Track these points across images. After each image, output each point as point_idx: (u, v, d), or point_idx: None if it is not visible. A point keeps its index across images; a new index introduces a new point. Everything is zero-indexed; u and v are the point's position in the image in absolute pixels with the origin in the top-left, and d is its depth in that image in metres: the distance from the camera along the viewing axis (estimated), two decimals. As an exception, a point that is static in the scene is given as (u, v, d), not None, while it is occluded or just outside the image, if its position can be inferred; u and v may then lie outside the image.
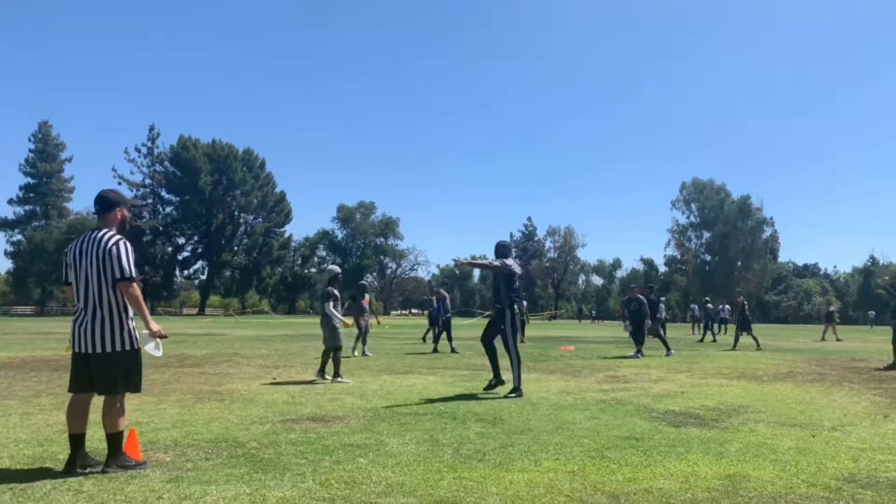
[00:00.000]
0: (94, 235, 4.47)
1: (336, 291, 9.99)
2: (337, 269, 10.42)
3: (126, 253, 4.38)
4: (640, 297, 15.86)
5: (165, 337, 4.66)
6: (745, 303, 20.11)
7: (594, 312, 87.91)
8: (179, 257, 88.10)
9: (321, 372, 9.88)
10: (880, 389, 9.22)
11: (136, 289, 4.40)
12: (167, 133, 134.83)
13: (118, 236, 4.48)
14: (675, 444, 5.33)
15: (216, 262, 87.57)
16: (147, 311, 4.45)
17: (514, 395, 8.08)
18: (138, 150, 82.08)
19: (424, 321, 45.13)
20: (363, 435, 5.59)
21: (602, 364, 13.09)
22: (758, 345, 19.11)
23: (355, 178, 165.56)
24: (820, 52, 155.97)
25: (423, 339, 20.25)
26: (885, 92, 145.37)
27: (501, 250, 8.73)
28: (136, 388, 4.51)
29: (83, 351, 4.38)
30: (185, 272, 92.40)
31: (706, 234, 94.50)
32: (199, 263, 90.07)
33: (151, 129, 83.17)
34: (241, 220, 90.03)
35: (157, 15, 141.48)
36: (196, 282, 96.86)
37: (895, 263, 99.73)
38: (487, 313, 10.26)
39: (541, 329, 27.90)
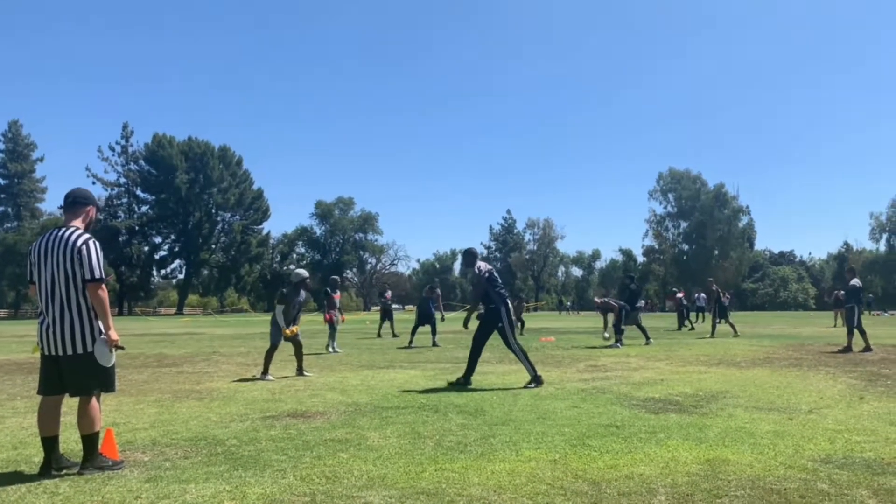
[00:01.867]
0: (60, 234, 4.33)
1: (290, 294, 9.83)
2: (304, 273, 10.28)
3: (96, 253, 4.29)
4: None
5: (122, 349, 4.58)
6: (720, 290, 20.33)
7: (571, 304, 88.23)
8: (156, 256, 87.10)
9: (300, 370, 9.88)
10: (855, 373, 9.38)
11: (104, 291, 4.30)
12: (141, 131, 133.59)
13: (87, 235, 4.36)
14: (655, 431, 5.37)
15: (194, 261, 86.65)
16: (110, 317, 4.36)
17: (533, 385, 8.11)
18: (112, 149, 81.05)
19: (407, 316, 45.26)
20: (344, 430, 5.56)
21: (582, 354, 13.17)
22: (735, 332, 19.35)
23: (334, 173, 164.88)
24: (796, 42, 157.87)
25: (379, 334, 21.11)
26: (860, 83, 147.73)
27: (470, 258, 8.88)
28: (110, 387, 4.43)
29: (52, 353, 4.28)
30: (163, 271, 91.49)
31: (683, 224, 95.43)
32: (177, 262, 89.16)
33: (125, 127, 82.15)
34: (219, 218, 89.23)
35: (129, 9, 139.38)
36: (174, 281, 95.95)
37: (868, 250, 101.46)
38: (467, 306, 10.26)
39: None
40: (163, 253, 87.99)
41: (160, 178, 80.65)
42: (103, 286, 4.30)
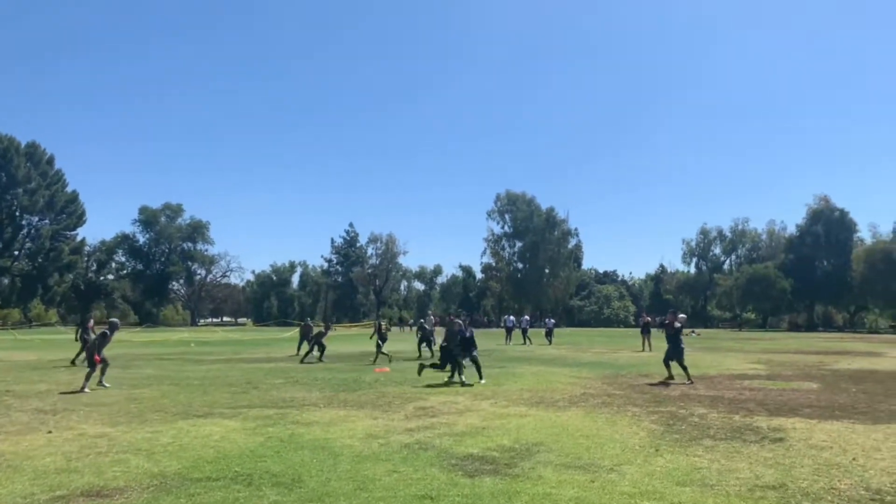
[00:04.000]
0: None
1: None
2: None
3: None
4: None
5: None
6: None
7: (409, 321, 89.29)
8: (-55, 263, 76.88)
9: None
10: (657, 415, 10.20)
11: None
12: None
13: None
14: (467, 502, 5.46)
15: (-7, 269, 77.47)
16: None
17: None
18: None
19: (234, 335, 43.18)
20: (142, 517, 5.11)
21: (413, 392, 13.22)
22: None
23: (162, 179, 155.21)
24: (622, 81, 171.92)
25: (302, 360, 21.12)
26: (678, 120, 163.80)
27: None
28: None
29: None
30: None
31: (518, 244, 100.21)
32: (-29, 270, 79.18)
33: (-90, 116, 71.84)
34: (24, 222, 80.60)
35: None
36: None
37: (681, 271, 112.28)
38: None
39: (360, 343, 27.75)
40: (-47, 259, 77.87)
41: (-48, 175, 71.47)
42: None
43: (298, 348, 23.86)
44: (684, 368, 15.13)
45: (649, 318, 31.92)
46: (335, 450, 7.62)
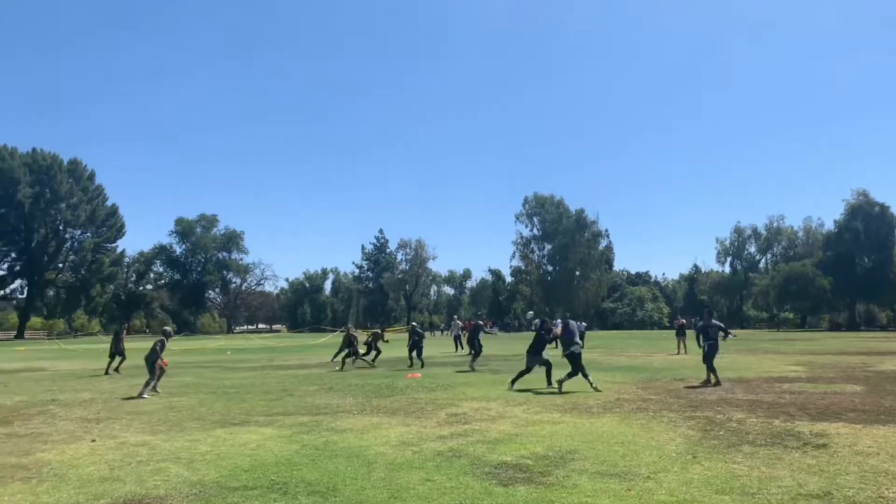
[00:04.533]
0: None
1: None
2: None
3: None
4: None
5: None
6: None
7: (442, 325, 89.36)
8: (-8, 276, 79.25)
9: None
10: (693, 420, 10.04)
11: None
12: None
13: None
14: (502, 512, 5.45)
15: (37, 281, 79.68)
16: None
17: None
18: (-57, 162, 73.14)
19: (269, 343, 43.52)
20: (181, 527, 5.20)
21: (445, 398, 13.24)
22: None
23: (197, 190, 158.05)
24: (652, 81, 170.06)
25: (340, 362, 21.43)
26: (708, 120, 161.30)
27: None
28: None
29: None
30: (1, 292, 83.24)
31: (548, 246, 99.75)
32: (18, 282, 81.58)
33: (-43, 134, 74.38)
34: (68, 236, 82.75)
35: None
36: (13, 302, 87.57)
37: (715, 271, 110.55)
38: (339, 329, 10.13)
39: (393, 349, 27.89)
40: (1, 272, 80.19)
41: (-1, 192, 73.68)
42: None
43: (336, 355, 24.05)
44: (712, 370, 15.00)
45: (684, 321, 31.47)
46: (369, 457, 7.66)
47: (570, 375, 14.09)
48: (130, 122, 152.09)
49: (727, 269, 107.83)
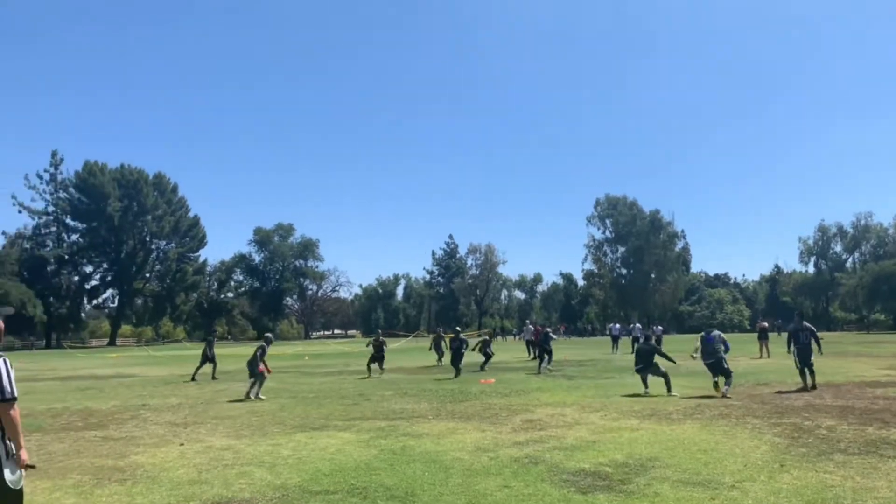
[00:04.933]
0: None
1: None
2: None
3: (7, 371, 4.08)
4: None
5: (33, 467, 4.36)
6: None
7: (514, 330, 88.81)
8: (87, 286, 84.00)
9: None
10: (779, 427, 9.65)
11: (17, 411, 4.09)
12: (72, 159, 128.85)
13: None
14: (582, 520, 5.39)
15: (127, 291, 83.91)
16: (22, 436, 4.13)
17: None
18: (40, 177, 78.25)
19: (345, 348, 44.46)
20: (268, 529, 5.38)
21: (519, 403, 13.18)
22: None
23: (273, 199, 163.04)
24: (724, 76, 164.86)
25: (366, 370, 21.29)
26: (783, 116, 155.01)
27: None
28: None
29: None
30: (94, 301, 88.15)
31: (621, 249, 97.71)
32: (109, 292, 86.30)
33: (54, 154, 79.63)
34: (153, 246, 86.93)
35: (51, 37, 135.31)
36: (105, 311, 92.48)
37: (798, 272, 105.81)
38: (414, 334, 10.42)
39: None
40: (94, 282, 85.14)
41: (91, 206, 78.15)
42: (15, 406, 4.09)
43: (440, 357, 25.45)
44: (803, 374, 14.46)
45: (766, 323, 30.27)
46: (446, 463, 7.72)
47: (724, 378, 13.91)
48: (209, 137, 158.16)
49: (811, 269, 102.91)
